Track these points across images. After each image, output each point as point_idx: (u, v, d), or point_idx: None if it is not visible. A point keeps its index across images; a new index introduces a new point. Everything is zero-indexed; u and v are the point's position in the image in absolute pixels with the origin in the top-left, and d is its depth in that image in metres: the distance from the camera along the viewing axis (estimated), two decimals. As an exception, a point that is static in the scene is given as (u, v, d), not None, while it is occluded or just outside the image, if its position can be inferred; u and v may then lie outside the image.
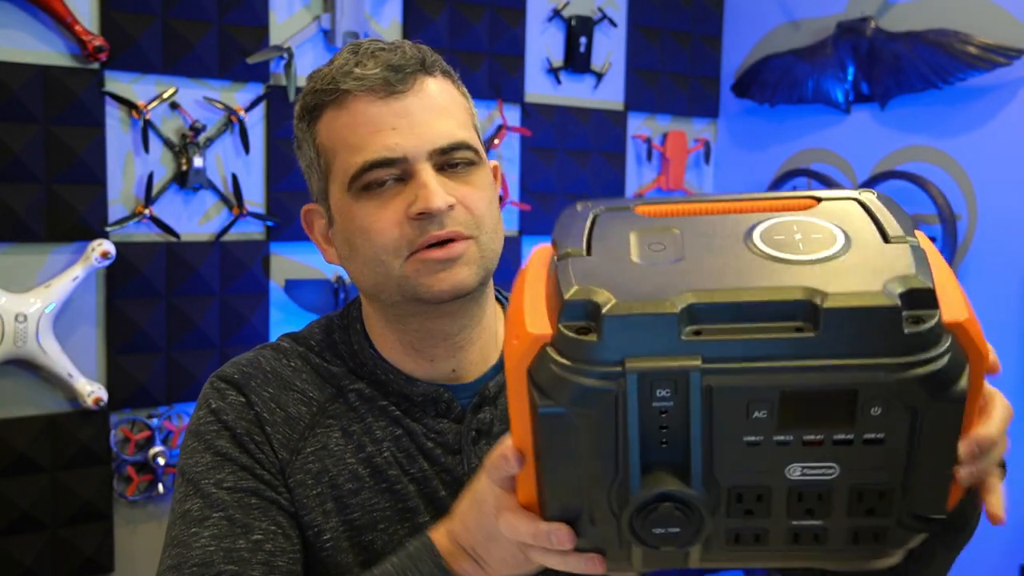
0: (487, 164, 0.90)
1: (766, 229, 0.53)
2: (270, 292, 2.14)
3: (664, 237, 0.54)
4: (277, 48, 2.06)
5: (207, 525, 0.82)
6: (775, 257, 0.51)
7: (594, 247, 0.54)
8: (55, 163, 1.86)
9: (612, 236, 0.55)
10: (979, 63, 2.15)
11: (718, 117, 2.84)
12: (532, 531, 0.58)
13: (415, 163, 0.83)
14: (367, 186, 0.84)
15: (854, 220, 0.54)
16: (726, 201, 0.57)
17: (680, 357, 0.48)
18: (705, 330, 0.48)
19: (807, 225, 0.54)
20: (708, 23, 2.78)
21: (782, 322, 0.48)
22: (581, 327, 0.49)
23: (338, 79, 0.85)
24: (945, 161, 2.29)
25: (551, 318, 0.51)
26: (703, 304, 0.48)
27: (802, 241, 0.52)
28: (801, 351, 0.47)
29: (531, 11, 2.46)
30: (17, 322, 1.79)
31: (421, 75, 0.85)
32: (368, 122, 0.84)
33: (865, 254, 0.51)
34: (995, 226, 2.21)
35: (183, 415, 2.05)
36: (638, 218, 0.57)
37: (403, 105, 0.84)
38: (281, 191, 2.13)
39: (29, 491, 1.87)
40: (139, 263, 1.96)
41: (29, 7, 1.82)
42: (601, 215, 0.57)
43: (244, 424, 0.87)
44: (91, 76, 1.88)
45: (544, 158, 2.51)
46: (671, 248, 0.53)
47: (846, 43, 2.41)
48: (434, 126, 0.84)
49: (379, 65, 0.84)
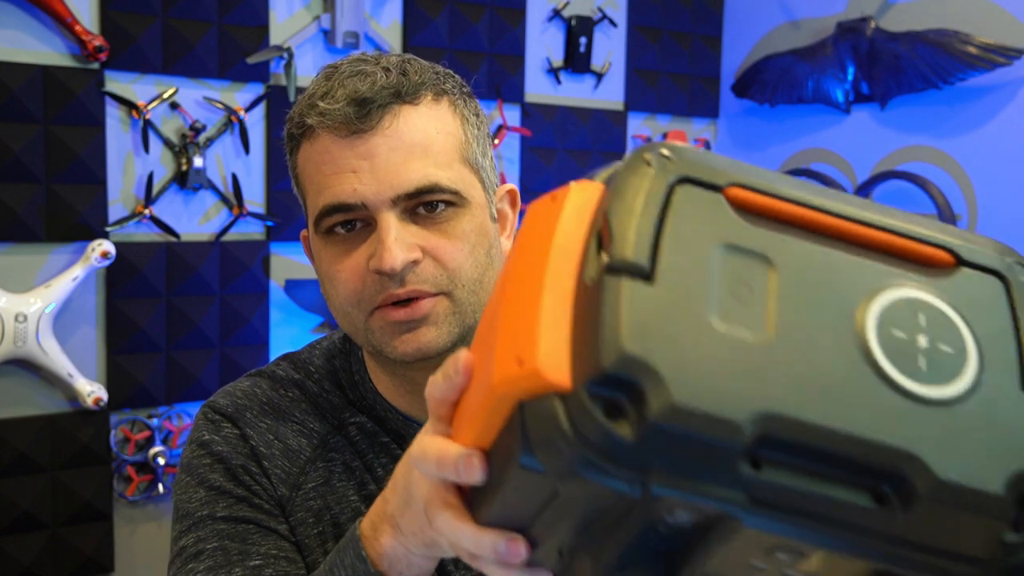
0: (476, 204, 0.79)
1: (886, 315, 0.40)
2: (270, 292, 2.14)
3: (755, 277, 0.39)
4: (277, 48, 2.06)
5: (202, 559, 0.77)
6: (888, 378, 0.38)
7: (662, 264, 0.38)
8: (55, 163, 1.86)
9: (688, 249, 0.39)
10: (979, 63, 2.15)
11: (718, 117, 2.84)
12: (472, 539, 0.48)
13: (376, 211, 0.75)
14: (331, 230, 0.78)
15: (994, 324, 0.41)
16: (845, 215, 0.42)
17: (725, 491, 0.36)
18: (767, 463, 0.37)
19: (938, 322, 0.40)
20: (708, 23, 2.78)
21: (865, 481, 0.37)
22: (612, 404, 0.36)
23: (304, 113, 0.79)
24: (945, 161, 2.29)
25: (574, 357, 0.38)
26: (779, 437, 0.36)
27: (926, 355, 0.39)
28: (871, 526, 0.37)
29: (531, 11, 2.46)
30: (17, 322, 1.79)
31: (395, 106, 0.76)
32: (330, 161, 0.76)
33: (996, 406, 0.39)
34: (995, 226, 2.21)
35: (183, 415, 2.05)
36: (728, 215, 0.41)
37: (367, 147, 0.75)
38: (281, 191, 2.13)
39: (29, 491, 1.87)
40: (139, 263, 1.96)
41: (29, 7, 1.81)
42: (681, 190, 0.40)
43: (239, 457, 0.82)
44: (91, 76, 1.88)
45: (544, 158, 2.51)
46: (760, 305, 0.39)
47: (846, 43, 2.41)
48: (401, 169, 0.75)
49: (345, 97, 0.76)
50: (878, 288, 0.40)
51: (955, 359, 0.39)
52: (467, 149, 0.80)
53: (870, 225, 0.42)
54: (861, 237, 0.42)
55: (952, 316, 0.40)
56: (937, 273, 0.42)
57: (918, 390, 0.38)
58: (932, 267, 0.42)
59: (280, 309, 2.16)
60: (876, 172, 2.42)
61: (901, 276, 0.41)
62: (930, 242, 0.42)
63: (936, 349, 0.39)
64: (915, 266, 0.42)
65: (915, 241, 0.42)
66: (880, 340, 0.39)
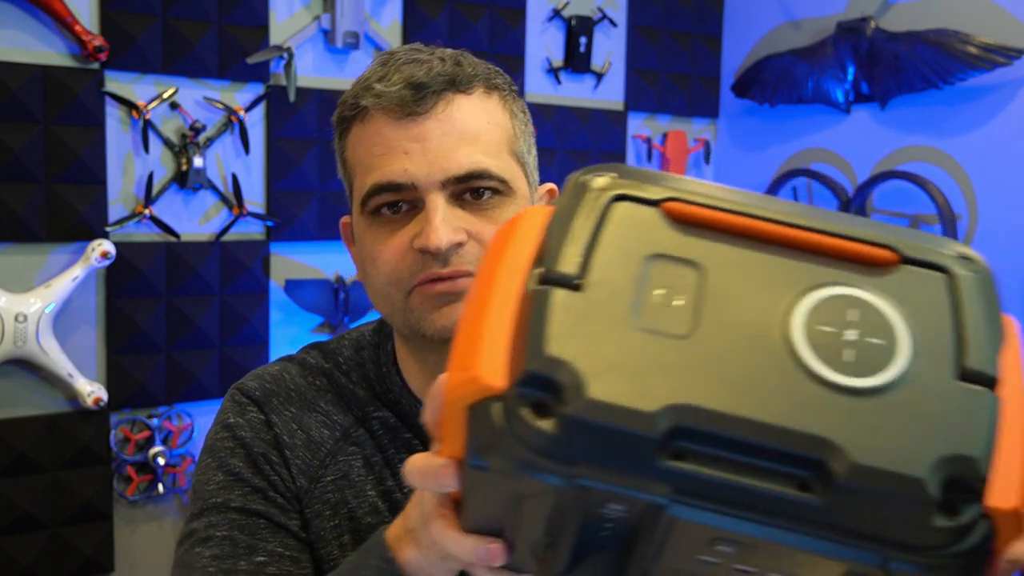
0: (520, 195, 0.81)
1: (815, 310, 0.41)
2: (270, 292, 2.14)
3: (683, 282, 0.41)
4: (277, 48, 2.06)
5: (210, 545, 0.78)
6: (809, 370, 0.39)
7: (592, 274, 0.41)
8: (55, 163, 1.86)
9: (619, 260, 0.42)
10: (979, 63, 2.15)
11: (718, 117, 2.85)
12: (458, 545, 0.51)
13: (425, 192, 0.77)
14: (377, 211, 0.79)
15: (933, 317, 0.41)
16: (784, 221, 0.43)
17: (647, 482, 0.38)
18: (688, 454, 0.38)
19: (870, 315, 0.41)
20: (708, 23, 2.78)
21: (786, 469, 0.38)
22: (539, 403, 0.39)
23: (359, 95, 0.80)
24: (945, 161, 2.29)
25: (509, 364, 0.40)
26: (693, 428, 0.38)
27: (853, 347, 0.40)
28: (796, 511, 0.38)
29: (531, 11, 2.46)
30: (17, 322, 1.79)
31: (449, 93, 0.78)
32: (383, 143, 0.78)
33: (926, 396, 0.39)
34: (995, 226, 2.21)
35: (183, 415, 2.05)
36: (662, 227, 0.43)
37: (420, 129, 0.77)
38: (281, 191, 2.13)
39: (29, 491, 1.87)
40: (139, 263, 1.96)
41: (29, 7, 1.81)
42: (617, 207, 0.43)
43: (261, 444, 0.82)
44: (91, 76, 1.88)
45: (544, 158, 2.50)
46: (687, 307, 0.41)
47: (846, 43, 2.41)
48: (452, 153, 0.77)
49: (401, 81, 0.77)
50: (808, 287, 0.42)
51: (884, 351, 0.40)
52: (515, 143, 0.82)
53: (808, 229, 0.43)
54: (800, 241, 0.43)
55: (885, 311, 0.41)
56: (878, 271, 0.43)
57: (840, 380, 0.39)
58: (874, 266, 0.43)
59: (280, 309, 2.16)
60: (876, 172, 2.42)
61: (836, 275, 0.42)
62: (871, 241, 0.43)
63: (865, 342, 0.40)
64: (856, 266, 0.43)
65: (856, 242, 0.43)
66: (805, 334, 0.40)
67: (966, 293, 0.42)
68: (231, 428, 0.84)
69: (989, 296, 0.42)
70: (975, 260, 0.43)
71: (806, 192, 2.61)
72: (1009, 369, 0.41)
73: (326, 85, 2.15)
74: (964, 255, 0.43)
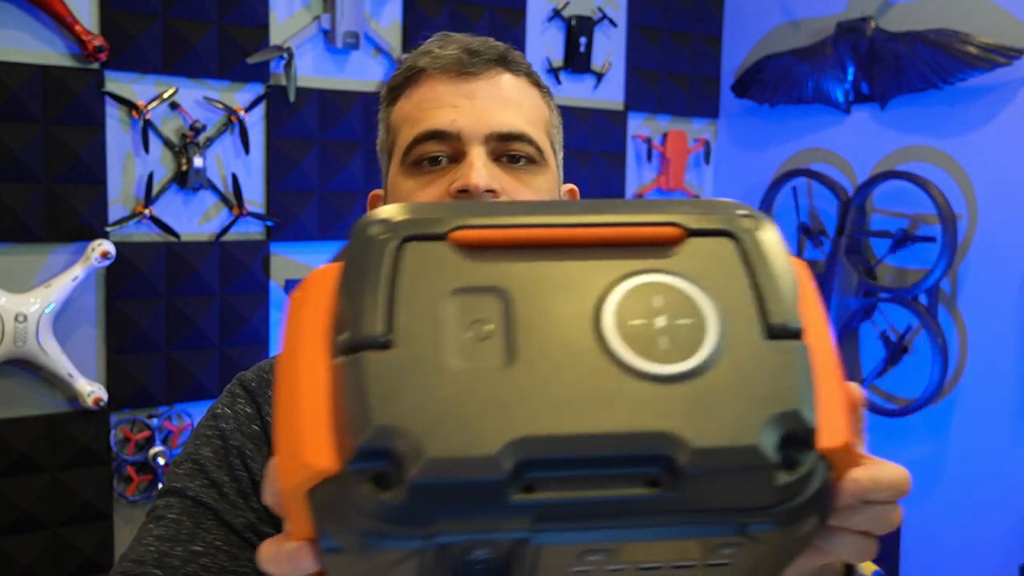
0: (551, 170, 0.86)
1: (621, 306, 0.41)
2: (270, 292, 2.14)
3: (491, 309, 0.41)
4: (277, 48, 2.06)
5: (160, 524, 0.81)
6: (631, 368, 0.40)
7: (398, 328, 0.40)
8: (55, 163, 1.86)
9: (420, 306, 0.40)
10: (979, 63, 2.15)
11: (718, 117, 2.85)
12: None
13: (468, 144, 0.81)
14: (419, 162, 0.83)
15: (731, 284, 0.42)
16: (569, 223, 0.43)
17: (506, 521, 0.38)
18: (538, 483, 0.38)
19: (673, 298, 0.42)
20: (708, 23, 2.78)
21: (634, 470, 0.39)
22: (379, 474, 0.38)
23: (416, 58, 0.86)
24: (945, 161, 2.29)
25: (336, 441, 0.39)
26: (538, 459, 0.38)
27: (666, 335, 0.41)
28: (652, 509, 0.39)
29: (531, 11, 2.46)
30: (17, 322, 1.79)
31: (498, 67, 0.85)
32: (434, 98, 0.83)
33: (743, 363, 0.40)
34: (995, 226, 2.21)
35: (183, 415, 2.06)
36: (455, 260, 0.42)
37: (471, 88, 0.83)
38: (281, 191, 2.13)
39: (29, 491, 1.87)
40: (139, 263, 1.96)
41: (29, 7, 1.82)
42: (406, 250, 0.42)
43: (240, 437, 0.84)
44: (91, 76, 1.88)
45: (544, 158, 2.51)
46: (499, 334, 0.40)
47: (846, 43, 2.41)
48: (499, 112, 0.82)
49: (457, 47, 0.84)
50: (610, 285, 0.42)
51: (695, 329, 0.41)
52: (551, 131, 0.88)
53: (593, 225, 0.43)
54: (589, 238, 0.43)
55: (686, 288, 0.42)
56: (669, 250, 0.43)
57: (662, 370, 0.40)
58: (664, 246, 0.43)
59: (280, 309, 2.16)
60: (876, 172, 2.42)
61: (632, 265, 0.42)
62: (655, 223, 0.44)
63: (674, 326, 0.41)
64: (648, 250, 0.43)
65: (642, 226, 0.44)
66: (619, 333, 0.40)
67: (753, 251, 0.43)
68: (216, 418, 0.86)
69: (775, 248, 0.43)
70: (754, 215, 0.44)
71: (806, 192, 2.61)
72: (808, 313, 0.43)
73: (326, 85, 2.15)
74: (743, 214, 0.44)
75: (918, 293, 2.28)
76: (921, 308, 2.27)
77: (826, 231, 2.53)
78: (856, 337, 2.48)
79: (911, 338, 2.36)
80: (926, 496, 2.31)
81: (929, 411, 2.30)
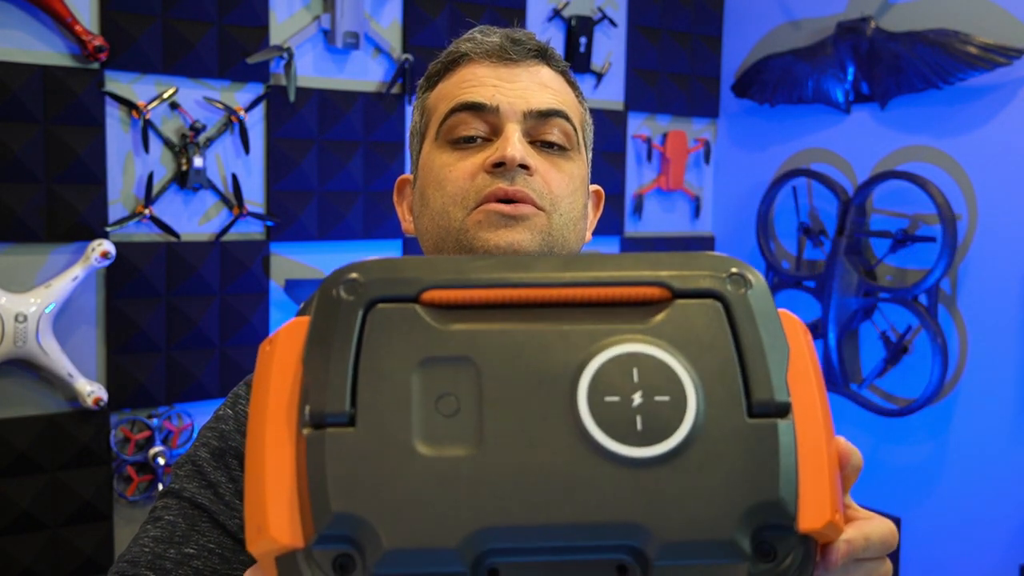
0: (583, 161, 0.87)
1: (596, 381, 0.39)
2: (270, 292, 2.14)
3: (460, 385, 0.39)
4: (277, 48, 2.06)
5: (157, 526, 0.81)
6: (605, 451, 0.38)
7: (362, 403, 0.38)
8: (55, 163, 1.86)
9: (386, 379, 0.39)
10: (979, 63, 2.15)
11: (718, 117, 2.85)
12: None
13: (505, 119, 0.82)
14: (455, 140, 0.83)
15: (715, 353, 0.40)
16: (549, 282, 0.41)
17: None
18: (502, 568, 0.38)
19: (652, 370, 0.39)
20: (708, 23, 2.78)
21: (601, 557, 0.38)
22: (341, 557, 0.38)
23: (459, 45, 0.88)
24: (945, 161, 2.29)
25: (300, 519, 0.38)
26: (499, 548, 0.37)
27: (642, 412, 0.38)
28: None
29: (531, 11, 2.46)
30: (17, 322, 1.79)
31: (539, 59, 0.87)
32: (474, 79, 0.84)
33: (722, 445, 0.38)
34: (995, 226, 2.21)
35: (183, 415, 2.06)
36: (424, 325, 0.40)
37: (511, 72, 0.84)
38: (281, 191, 2.13)
39: (29, 491, 1.87)
40: (139, 263, 1.96)
41: (29, 7, 1.82)
42: (374, 315, 0.40)
43: (239, 438, 0.84)
44: (91, 76, 1.88)
45: (544, 158, 2.51)
46: (465, 414, 0.39)
47: (846, 43, 2.41)
48: (538, 93, 0.83)
49: (500, 35, 0.86)
50: (587, 356, 0.39)
51: (673, 407, 0.38)
52: (585, 126, 0.89)
53: (575, 284, 0.41)
54: (569, 298, 0.41)
55: (667, 359, 0.39)
56: (653, 312, 0.41)
57: (636, 453, 0.38)
58: (649, 307, 0.41)
59: (280, 309, 2.16)
60: (876, 172, 2.42)
61: (612, 332, 0.40)
62: (640, 282, 0.41)
63: (652, 403, 0.38)
64: (632, 311, 0.41)
65: (625, 286, 0.41)
66: (592, 412, 0.38)
67: (742, 316, 0.41)
68: (218, 419, 0.87)
69: (765, 311, 0.41)
70: (746, 275, 0.42)
71: (806, 192, 2.61)
72: (800, 380, 0.41)
73: (326, 85, 2.15)
74: (734, 273, 0.42)
75: (918, 293, 2.28)
76: (921, 308, 2.27)
77: (826, 231, 2.53)
78: (856, 337, 2.48)
79: (911, 338, 2.36)
80: (926, 496, 2.31)
81: (929, 411, 2.30)
